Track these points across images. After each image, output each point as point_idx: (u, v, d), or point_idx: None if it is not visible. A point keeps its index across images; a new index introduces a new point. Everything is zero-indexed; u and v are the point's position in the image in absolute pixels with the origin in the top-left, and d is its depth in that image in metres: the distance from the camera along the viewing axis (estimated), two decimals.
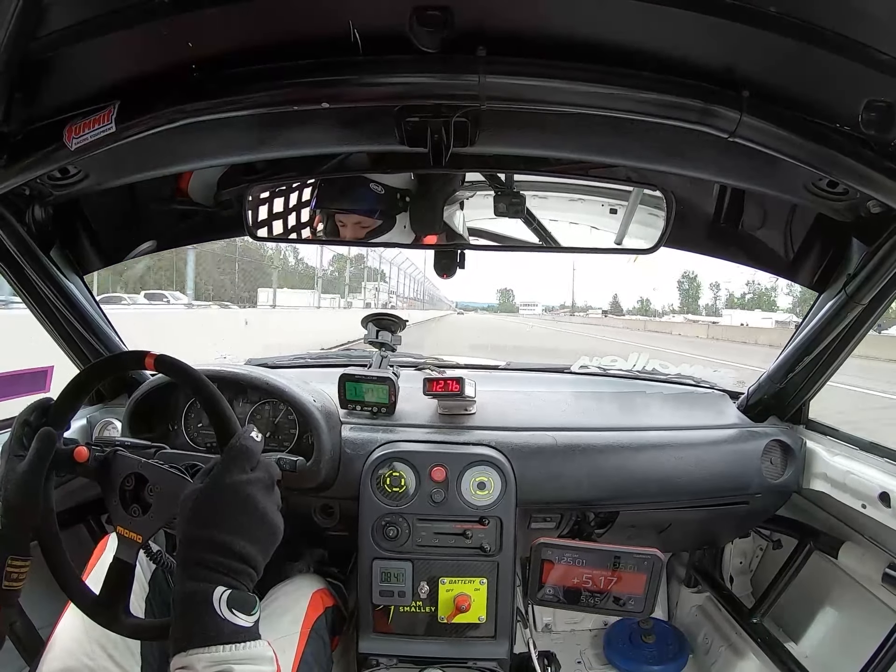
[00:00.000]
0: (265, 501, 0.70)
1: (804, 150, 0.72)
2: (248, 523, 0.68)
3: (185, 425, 1.34)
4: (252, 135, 0.94)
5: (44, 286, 1.16)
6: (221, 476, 0.69)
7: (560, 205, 1.15)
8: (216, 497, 0.68)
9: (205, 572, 0.64)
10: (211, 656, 0.60)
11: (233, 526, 0.67)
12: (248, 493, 0.68)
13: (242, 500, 0.68)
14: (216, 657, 0.60)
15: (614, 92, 0.70)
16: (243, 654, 0.61)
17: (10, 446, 0.81)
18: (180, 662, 0.61)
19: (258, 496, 0.69)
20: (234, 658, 0.60)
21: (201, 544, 0.66)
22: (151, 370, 0.86)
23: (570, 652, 1.74)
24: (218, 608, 0.62)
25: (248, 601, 0.64)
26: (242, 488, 0.68)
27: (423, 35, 0.65)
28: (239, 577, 0.65)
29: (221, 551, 0.65)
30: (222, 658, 0.60)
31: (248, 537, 0.67)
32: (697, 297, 68.86)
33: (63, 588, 0.83)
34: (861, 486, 1.17)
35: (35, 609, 1.15)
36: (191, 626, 0.62)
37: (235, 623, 0.62)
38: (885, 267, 0.97)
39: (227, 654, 0.60)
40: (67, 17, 0.65)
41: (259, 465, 0.71)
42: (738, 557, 1.69)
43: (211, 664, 0.59)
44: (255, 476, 0.70)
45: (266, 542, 0.70)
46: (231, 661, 0.60)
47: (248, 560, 0.66)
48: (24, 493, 0.79)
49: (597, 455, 1.27)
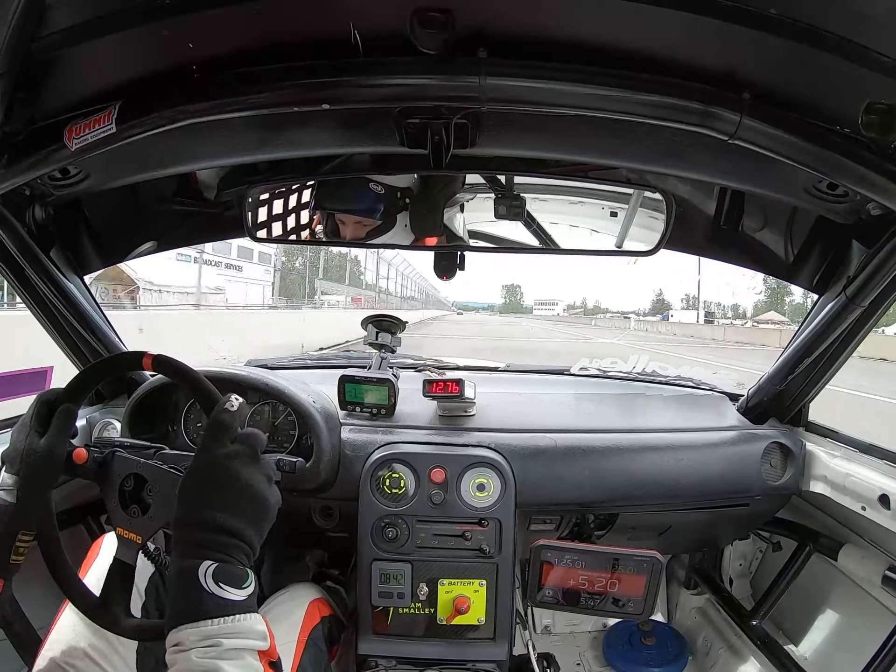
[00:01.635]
0: (248, 473, 0.68)
1: (804, 153, 0.72)
2: (232, 497, 0.67)
3: (184, 426, 1.34)
4: (253, 136, 0.94)
5: (44, 286, 1.16)
6: (201, 453, 0.69)
7: (560, 208, 1.15)
8: (198, 475, 0.69)
9: (192, 549, 0.64)
10: (199, 630, 0.60)
11: (215, 501, 0.66)
12: (227, 467, 0.68)
13: (223, 474, 0.68)
14: (204, 631, 0.60)
15: (615, 94, 0.70)
16: (232, 628, 0.61)
17: (30, 423, 0.83)
18: (172, 639, 0.61)
19: (239, 469, 0.68)
20: (223, 632, 0.60)
21: (187, 523, 0.66)
22: (149, 370, 0.86)
23: (570, 654, 1.74)
24: (204, 583, 0.62)
25: (236, 574, 0.64)
26: (221, 462, 0.68)
27: (424, 37, 0.65)
28: (228, 550, 0.65)
29: (206, 527, 0.65)
30: (210, 632, 0.60)
31: (231, 511, 0.66)
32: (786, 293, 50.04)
33: (63, 589, 0.83)
34: (861, 488, 1.17)
35: (34, 609, 1.15)
36: (180, 602, 0.63)
37: (223, 597, 0.62)
38: (885, 269, 0.97)
39: (215, 629, 0.60)
40: (69, 18, 0.65)
41: (238, 437, 0.70)
42: (738, 559, 1.69)
43: (200, 639, 0.60)
44: (234, 449, 0.69)
45: (254, 514, 0.68)
46: (219, 634, 0.60)
47: (236, 534, 0.66)
48: (47, 466, 0.81)
49: (597, 457, 1.27)
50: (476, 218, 1.13)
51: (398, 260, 25.46)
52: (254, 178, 1.16)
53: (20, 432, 0.83)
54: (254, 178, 1.16)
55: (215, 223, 1.32)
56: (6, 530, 0.80)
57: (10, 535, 0.79)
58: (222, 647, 0.60)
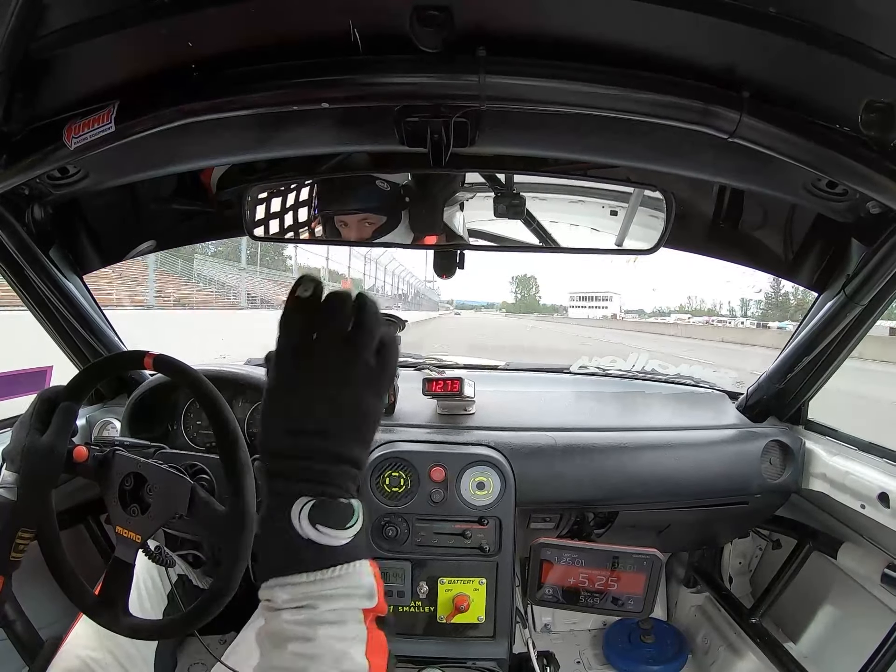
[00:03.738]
0: (345, 370, 0.50)
1: (804, 151, 0.72)
2: (330, 408, 0.50)
3: (184, 425, 1.34)
4: (252, 135, 0.94)
5: (43, 286, 1.15)
6: (288, 352, 0.51)
7: (560, 206, 1.14)
8: (285, 379, 0.51)
9: (281, 483, 0.50)
10: (290, 588, 0.47)
11: (310, 415, 0.50)
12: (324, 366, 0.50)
13: (316, 378, 0.50)
14: (296, 590, 0.47)
15: (614, 92, 0.70)
16: (331, 586, 0.48)
17: (31, 421, 0.83)
18: (263, 595, 0.50)
19: (340, 365, 0.50)
20: (318, 591, 0.47)
21: (275, 449, 0.50)
22: (150, 370, 0.86)
23: (570, 652, 1.74)
24: (298, 525, 0.48)
25: (338, 511, 0.49)
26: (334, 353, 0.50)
27: (424, 35, 0.65)
28: (329, 478, 0.49)
29: (300, 450, 0.49)
30: (302, 592, 0.47)
31: (332, 424, 0.50)
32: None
33: (62, 587, 0.83)
34: (860, 486, 1.17)
35: (35, 609, 1.15)
36: (268, 552, 0.50)
37: (321, 542, 0.48)
38: (884, 267, 0.97)
39: (309, 587, 0.47)
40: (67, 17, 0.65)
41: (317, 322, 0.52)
42: (738, 557, 1.69)
43: (291, 598, 0.47)
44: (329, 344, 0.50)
45: (360, 424, 0.51)
46: (314, 595, 0.47)
47: (340, 455, 0.50)
48: (48, 464, 0.81)
49: (596, 455, 1.27)
50: (476, 216, 1.13)
51: (386, 258, 24.24)
52: (253, 177, 1.16)
53: (21, 430, 0.83)
54: (253, 177, 1.16)
55: (215, 222, 1.32)
56: (6, 527, 0.80)
57: (11, 532, 0.80)
58: (318, 611, 0.47)
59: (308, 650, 0.46)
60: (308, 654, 0.46)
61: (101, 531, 1.46)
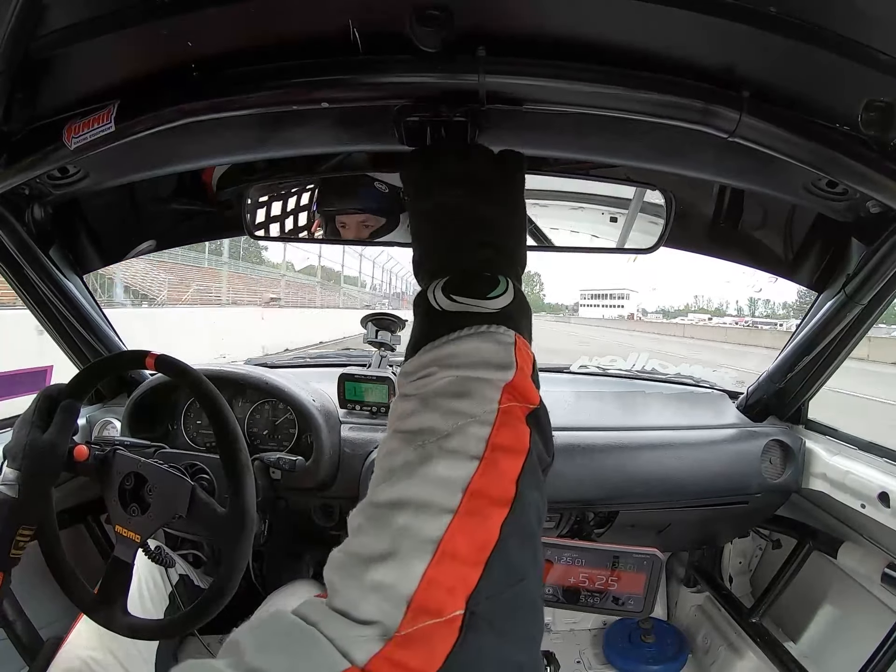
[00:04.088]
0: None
1: (804, 150, 0.72)
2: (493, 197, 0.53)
3: (184, 425, 1.34)
4: (252, 134, 0.94)
5: (43, 286, 1.16)
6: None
7: (560, 213, 1.15)
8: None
9: (432, 272, 0.48)
10: (418, 360, 0.43)
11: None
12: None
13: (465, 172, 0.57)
14: (420, 361, 0.42)
15: (614, 92, 0.70)
16: (452, 351, 0.41)
17: (32, 418, 0.83)
18: (399, 382, 0.45)
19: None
20: (440, 357, 0.41)
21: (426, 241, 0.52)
22: (152, 370, 0.87)
23: (570, 651, 1.74)
24: (434, 300, 0.44)
25: (474, 281, 0.45)
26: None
27: (423, 35, 0.65)
28: (472, 258, 0.47)
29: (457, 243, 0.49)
30: (426, 360, 0.42)
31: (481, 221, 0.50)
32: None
33: (61, 586, 0.83)
34: (860, 485, 1.17)
35: (35, 609, 1.15)
36: (416, 333, 0.45)
37: (459, 311, 0.43)
38: (884, 267, 0.97)
39: (432, 355, 0.42)
40: (68, 17, 0.65)
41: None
42: (738, 557, 1.69)
43: (412, 371, 0.43)
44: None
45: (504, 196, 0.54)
46: (435, 361, 0.41)
47: (489, 242, 0.49)
48: (49, 461, 0.82)
49: (596, 455, 1.27)
50: None
51: (383, 258, 23.83)
52: (253, 177, 1.16)
53: (22, 427, 0.83)
54: (253, 177, 1.16)
55: (215, 222, 1.32)
56: (7, 524, 0.80)
57: (11, 529, 0.80)
58: (435, 377, 0.41)
59: (415, 424, 0.39)
60: (413, 430, 0.38)
61: (101, 531, 1.46)
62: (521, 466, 0.37)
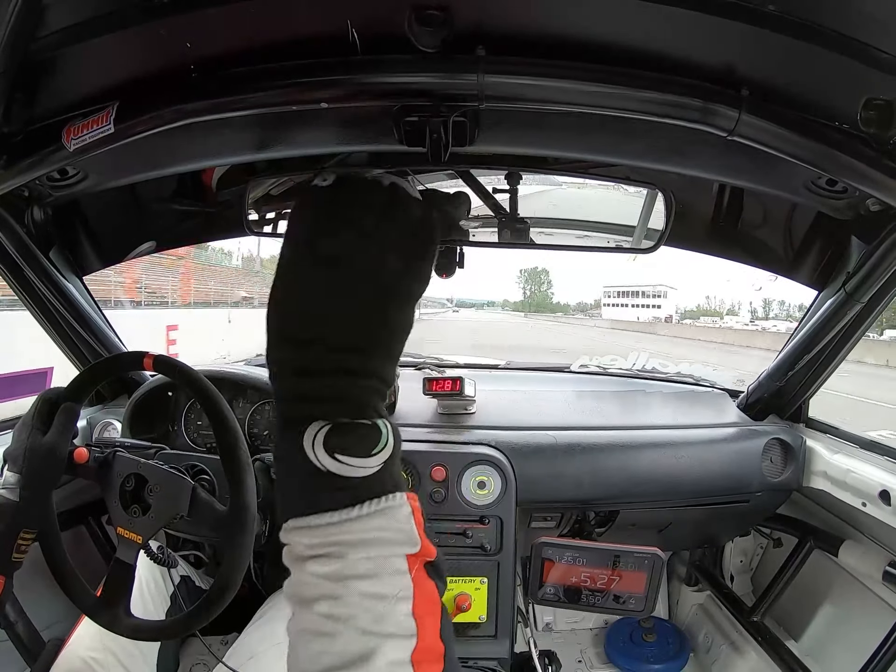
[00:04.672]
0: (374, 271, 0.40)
1: (803, 149, 0.72)
2: (346, 303, 0.40)
3: (184, 426, 1.34)
4: (251, 135, 0.94)
5: (43, 287, 1.16)
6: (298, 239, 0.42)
7: (566, 241, 1.16)
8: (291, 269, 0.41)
9: (292, 404, 0.40)
10: (311, 531, 0.38)
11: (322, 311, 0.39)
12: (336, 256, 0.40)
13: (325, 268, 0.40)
14: (317, 532, 0.38)
15: (614, 91, 0.70)
16: (360, 527, 0.38)
17: (32, 421, 0.83)
18: (283, 539, 0.41)
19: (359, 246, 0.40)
20: (344, 533, 0.38)
21: (279, 353, 0.41)
22: (150, 371, 0.86)
23: (571, 651, 1.74)
24: (314, 456, 0.38)
25: (359, 435, 0.39)
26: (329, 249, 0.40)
27: (423, 34, 0.65)
28: (347, 395, 0.39)
29: (311, 363, 0.39)
30: (329, 537, 0.38)
31: (348, 323, 0.39)
32: None
33: (63, 588, 0.83)
34: (861, 484, 1.17)
35: (35, 609, 1.15)
36: (284, 489, 0.41)
37: (342, 475, 0.38)
38: (884, 265, 0.97)
39: (335, 531, 0.38)
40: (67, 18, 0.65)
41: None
42: (739, 556, 1.69)
43: (313, 543, 0.38)
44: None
45: (385, 322, 0.41)
46: (339, 538, 0.38)
47: (362, 368, 0.40)
48: (50, 463, 0.82)
49: (597, 454, 1.27)
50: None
51: None
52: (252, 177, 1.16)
53: (22, 431, 0.83)
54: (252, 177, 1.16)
55: (214, 222, 1.32)
56: (9, 528, 0.80)
57: (13, 532, 0.80)
58: (348, 560, 0.37)
59: (339, 611, 0.37)
60: (339, 616, 0.36)
61: (101, 532, 1.46)
62: (440, 621, 0.38)
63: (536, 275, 75.44)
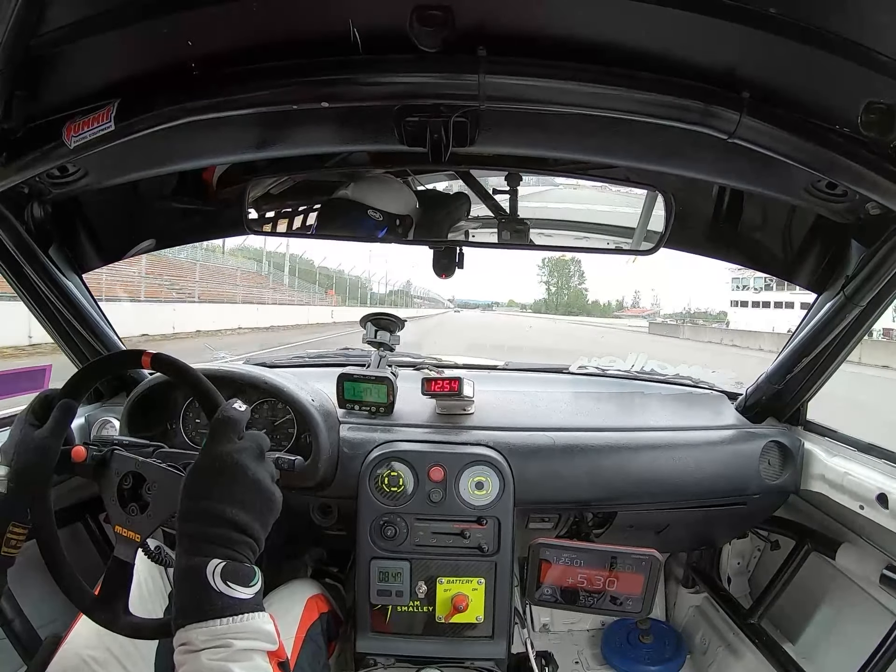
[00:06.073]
0: (255, 469, 0.69)
1: (804, 152, 0.72)
2: (241, 491, 0.67)
3: (183, 424, 1.34)
4: (251, 133, 0.94)
5: (42, 285, 1.15)
6: (209, 448, 0.69)
7: (565, 242, 1.16)
8: (206, 468, 0.68)
9: (199, 545, 0.64)
10: (209, 630, 0.59)
11: (224, 495, 0.66)
12: (236, 461, 0.67)
13: (231, 468, 0.67)
14: (214, 631, 0.59)
15: (614, 92, 0.70)
16: (241, 628, 0.60)
17: (26, 416, 0.84)
18: (180, 638, 0.61)
19: (248, 463, 0.68)
20: (232, 632, 0.60)
21: (195, 516, 0.66)
22: (148, 369, 0.86)
23: (568, 652, 1.74)
24: (213, 581, 0.61)
25: (244, 573, 0.63)
26: (230, 457, 0.68)
27: (424, 35, 0.65)
28: (235, 547, 0.64)
29: (215, 521, 0.64)
30: (219, 632, 0.59)
31: (241, 505, 0.66)
32: None
33: (60, 586, 0.83)
34: (859, 487, 1.17)
35: (33, 608, 1.15)
36: (187, 601, 0.62)
37: (232, 596, 0.61)
38: (883, 269, 0.97)
39: (225, 629, 0.59)
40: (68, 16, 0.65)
41: (247, 435, 0.71)
42: (736, 558, 1.69)
43: (209, 638, 0.59)
44: (243, 444, 0.70)
45: (262, 509, 0.68)
46: (229, 635, 0.59)
47: (244, 529, 0.65)
48: (41, 458, 0.81)
49: (595, 455, 1.27)
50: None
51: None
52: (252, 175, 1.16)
53: (16, 425, 0.83)
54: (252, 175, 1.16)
55: (214, 221, 1.31)
56: None
57: (1, 526, 0.79)
58: (233, 649, 0.59)
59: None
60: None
61: (99, 530, 1.46)
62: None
63: (564, 264, 59.87)
